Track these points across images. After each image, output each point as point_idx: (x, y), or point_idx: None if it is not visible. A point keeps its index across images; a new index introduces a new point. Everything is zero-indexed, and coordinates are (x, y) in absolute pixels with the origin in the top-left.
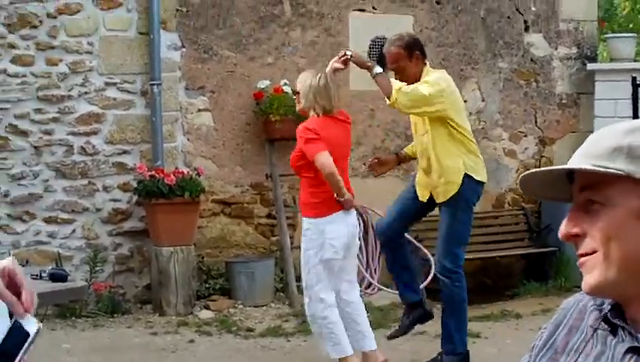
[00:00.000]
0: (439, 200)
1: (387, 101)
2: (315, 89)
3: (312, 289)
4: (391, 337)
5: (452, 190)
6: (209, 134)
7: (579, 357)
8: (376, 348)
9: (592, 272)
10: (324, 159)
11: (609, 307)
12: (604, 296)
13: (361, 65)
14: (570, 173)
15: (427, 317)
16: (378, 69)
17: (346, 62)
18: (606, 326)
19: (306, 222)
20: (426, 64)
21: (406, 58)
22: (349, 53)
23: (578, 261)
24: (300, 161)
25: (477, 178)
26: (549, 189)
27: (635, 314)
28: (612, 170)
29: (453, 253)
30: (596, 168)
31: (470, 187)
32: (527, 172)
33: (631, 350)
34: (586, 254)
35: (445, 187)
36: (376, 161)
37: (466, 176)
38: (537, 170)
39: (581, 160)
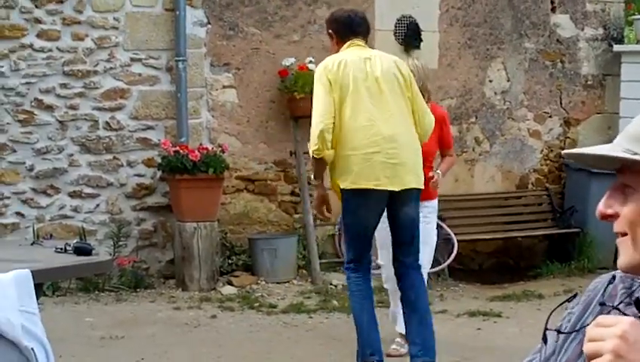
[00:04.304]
0: None
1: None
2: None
3: None
4: None
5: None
6: (234, 111)
7: None
8: None
9: (624, 253)
10: None
11: None
12: (638, 274)
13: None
14: None
15: None
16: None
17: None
18: (637, 312)
19: (432, 205)
20: (344, 44)
21: (328, 36)
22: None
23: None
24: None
25: (342, 185)
26: (599, 161)
27: None
28: (637, 157)
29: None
30: (623, 155)
31: (343, 196)
32: (570, 151)
33: None
34: (621, 234)
35: None
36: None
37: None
38: (577, 152)
39: (621, 140)
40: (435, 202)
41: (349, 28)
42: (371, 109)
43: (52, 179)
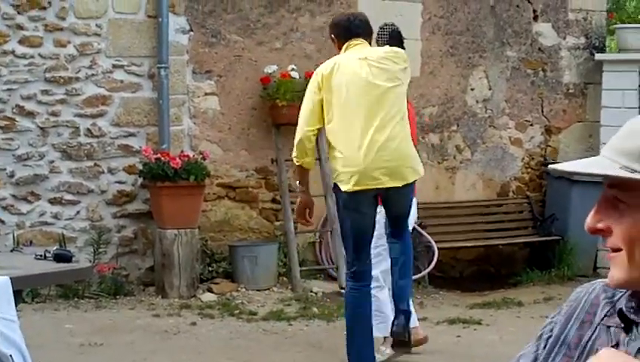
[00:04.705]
0: None
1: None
2: None
3: None
4: None
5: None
6: (215, 118)
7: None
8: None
9: (618, 269)
10: None
11: (624, 301)
12: (630, 289)
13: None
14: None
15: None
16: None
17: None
18: (620, 322)
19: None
20: (342, 48)
21: (331, 41)
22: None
23: (608, 254)
24: None
25: (342, 188)
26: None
27: None
28: (638, 176)
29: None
30: (622, 174)
31: (339, 196)
32: (559, 167)
33: None
34: (613, 250)
35: None
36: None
37: (335, 185)
38: (565, 168)
39: (612, 153)
40: None
41: (348, 30)
42: (366, 110)
43: (33, 186)
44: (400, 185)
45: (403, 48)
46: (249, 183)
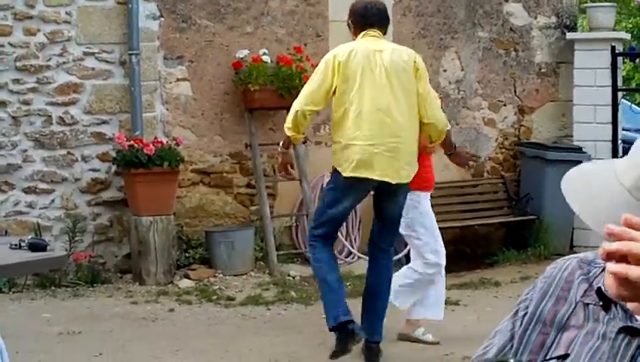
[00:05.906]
0: None
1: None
2: None
3: None
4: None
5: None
6: (188, 104)
7: (571, 332)
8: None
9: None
10: None
11: (602, 279)
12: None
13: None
14: None
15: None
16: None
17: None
18: (598, 300)
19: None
20: (358, 35)
21: (347, 26)
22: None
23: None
24: None
25: (343, 174)
26: None
27: None
28: None
29: (312, 225)
30: None
31: (335, 179)
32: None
33: (624, 329)
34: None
35: None
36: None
37: (334, 168)
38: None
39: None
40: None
41: (364, 19)
42: (377, 101)
43: (6, 175)
44: (394, 183)
45: None
46: (223, 168)
